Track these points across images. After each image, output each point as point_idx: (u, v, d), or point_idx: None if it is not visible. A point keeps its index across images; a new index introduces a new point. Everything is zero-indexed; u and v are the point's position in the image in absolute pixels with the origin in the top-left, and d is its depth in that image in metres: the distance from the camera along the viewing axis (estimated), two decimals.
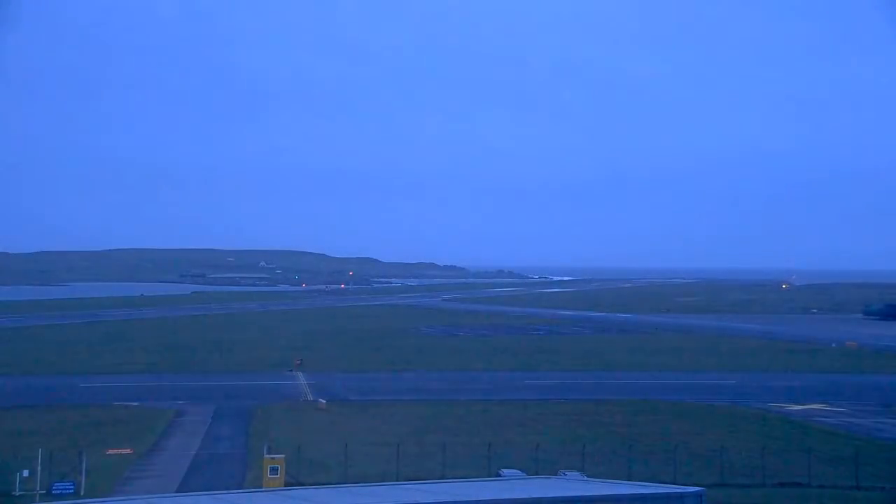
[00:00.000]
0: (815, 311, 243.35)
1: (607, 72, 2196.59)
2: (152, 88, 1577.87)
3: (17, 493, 45.33)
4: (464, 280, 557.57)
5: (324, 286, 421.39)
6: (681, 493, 29.31)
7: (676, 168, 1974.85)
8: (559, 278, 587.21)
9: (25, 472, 46.08)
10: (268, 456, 47.48)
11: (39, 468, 46.25)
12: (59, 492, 45.15)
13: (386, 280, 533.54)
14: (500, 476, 42.12)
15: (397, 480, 43.05)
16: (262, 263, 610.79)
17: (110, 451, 54.78)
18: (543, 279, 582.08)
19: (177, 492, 43.71)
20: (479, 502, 27.37)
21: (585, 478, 39.82)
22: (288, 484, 44.03)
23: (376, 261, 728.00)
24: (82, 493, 44.70)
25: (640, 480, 39.18)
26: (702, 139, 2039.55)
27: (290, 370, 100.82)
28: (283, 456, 47.64)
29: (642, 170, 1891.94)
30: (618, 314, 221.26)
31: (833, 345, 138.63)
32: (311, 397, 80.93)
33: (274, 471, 46.14)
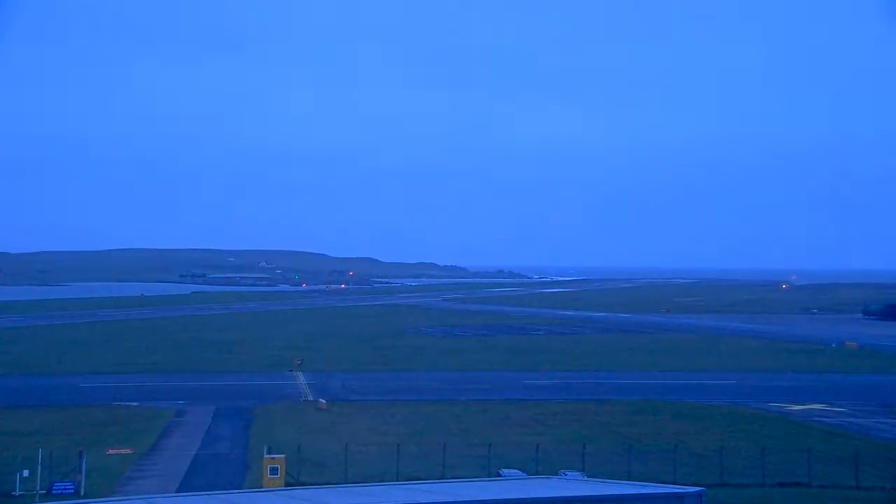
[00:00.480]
0: (815, 311, 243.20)
1: (608, 71, 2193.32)
2: (152, 88, 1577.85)
3: (18, 493, 45.39)
4: (464, 280, 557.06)
5: (324, 286, 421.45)
6: (681, 493, 29.32)
7: (676, 168, 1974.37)
8: (559, 278, 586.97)
9: (26, 472, 46.13)
10: (268, 456, 47.52)
11: (40, 468, 46.32)
12: (59, 492, 45.18)
13: (386, 280, 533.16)
14: (500, 476, 42.12)
15: (397, 480, 43.09)
16: (263, 263, 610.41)
17: (110, 451, 54.77)
18: (543, 279, 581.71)
19: (177, 492, 43.73)
20: (479, 502, 27.35)
21: (585, 478, 39.79)
22: (288, 484, 44.07)
23: (376, 261, 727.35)
24: (82, 493, 44.74)
25: (640, 480, 39.16)
26: (701, 139, 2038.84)
27: (291, 370, 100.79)
28: (283, 456, 47.70)
29: (642, 170, 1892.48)
30: (618, 314, 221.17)
31: (833, 345, 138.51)
32: (311, 397, 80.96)
33: (274, 471, 46.22)
